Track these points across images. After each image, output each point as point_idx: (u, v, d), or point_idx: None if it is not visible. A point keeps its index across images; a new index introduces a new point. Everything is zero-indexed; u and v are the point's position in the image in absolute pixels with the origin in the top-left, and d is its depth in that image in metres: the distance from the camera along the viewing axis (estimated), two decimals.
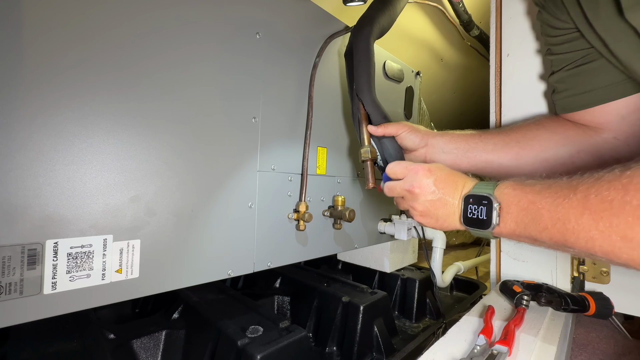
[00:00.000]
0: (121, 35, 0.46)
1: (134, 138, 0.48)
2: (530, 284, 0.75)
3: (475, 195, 0.45)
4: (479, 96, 1.95)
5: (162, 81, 0.51)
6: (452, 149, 0.68)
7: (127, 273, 0.47)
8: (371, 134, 0.67)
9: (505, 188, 0.43)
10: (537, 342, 0.55)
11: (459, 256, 1.65)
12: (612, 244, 0.33)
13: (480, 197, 0.45)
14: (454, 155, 0.68)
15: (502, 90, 0.91)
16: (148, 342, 0.68)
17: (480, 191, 0.45)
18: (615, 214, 0.32)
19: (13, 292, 0.38)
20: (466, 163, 0.68)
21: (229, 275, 0.59)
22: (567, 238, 0.36)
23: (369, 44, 0.69)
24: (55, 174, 0.41)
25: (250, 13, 0.63)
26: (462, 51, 1.65)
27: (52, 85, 0.41)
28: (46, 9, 0.40)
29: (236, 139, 0.60)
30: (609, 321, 0.84)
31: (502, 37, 0.90)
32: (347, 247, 0.86)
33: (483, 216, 0.44)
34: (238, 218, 0.61)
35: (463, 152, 0.68)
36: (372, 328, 0.81)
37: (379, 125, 0.67)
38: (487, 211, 0.43)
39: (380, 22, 0.71)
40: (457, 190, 0.49)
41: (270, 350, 0.58)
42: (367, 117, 0.69)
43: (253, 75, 0.63)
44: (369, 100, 0.67)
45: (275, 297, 0.95)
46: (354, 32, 0.71)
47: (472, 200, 0.46)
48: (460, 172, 0.53)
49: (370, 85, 0.68)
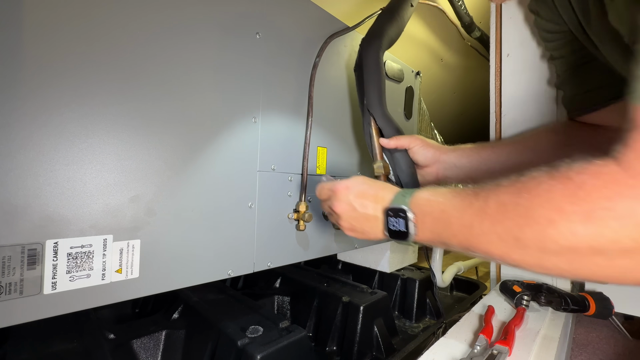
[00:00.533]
0: (121, 35, 0.46)
1: (134, 138, 0.48)
2: (531, 284, 0.75)
3: (393, 208, 0.47)
4: (479, 96, 1.95)
5: (162, 81, 0.51)
6: (464, 164, 0.68)
7: (127, 273, 0.47)
8: (383, 147, 0.68)
9: (419, 199, 0.45)
10: (537, 342, 0.55)
11: (459, 256, 1.65)
12: (507, 245, 0.34)
13: (397, 210, 0.46)
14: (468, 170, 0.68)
15: (502, 90, 0.91)
16: (148, 342, 0.68)
17: (397, 204, 0.47)
18: (509, 217, 0.34)
19: (13, 292, 0.38)
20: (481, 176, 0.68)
21: (229, 275, 0.59)
22: (472, 242, 0.38)
23: (379, 57, 0.69)
24: (55, 174, 0.41)
25: (250, 13, 0.63)
26: (462, 51, 1.64)
27: (52, 85, 0.41)
28: (46, 10, 0.40)
29: (236, 139, 0.60)
30: (609, 321, 0.84)
31: (502, 38, 0.90)
32: (347, 247, 0.86)
33: (402, 228, 0.45)
34: (238, 218, 0.61)
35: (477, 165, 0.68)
36: (372, 328, 0.81)
37: (391, 138, 0.67)
38: (404, 223, 0.45)
39: (389, 34, 0.71)
40: (378, 203, 0.50)
41: (270, 350, 0.58)
42: (379, 131, 0.69)
43: (253, 75, 0.63)
44: (381, 114, 0.67)
45: (275, 297, 0.95)
46: (363, 45, 0.71)
47: (391, 213, 0.47)
48: (381, 182, 0.54)
49: (381, 99, 0.68)
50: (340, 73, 0.83)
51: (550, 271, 0.34)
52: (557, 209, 0.31)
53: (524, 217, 0.33)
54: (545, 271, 0.34)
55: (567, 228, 0.30)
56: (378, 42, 0.69)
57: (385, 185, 0.53)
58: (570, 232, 0.30)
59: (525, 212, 0.33)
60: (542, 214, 0.32)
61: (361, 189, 0.52)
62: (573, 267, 0.32)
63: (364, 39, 0.72)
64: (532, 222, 0.32)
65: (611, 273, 0.31)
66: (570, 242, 0.30)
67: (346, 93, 0.85)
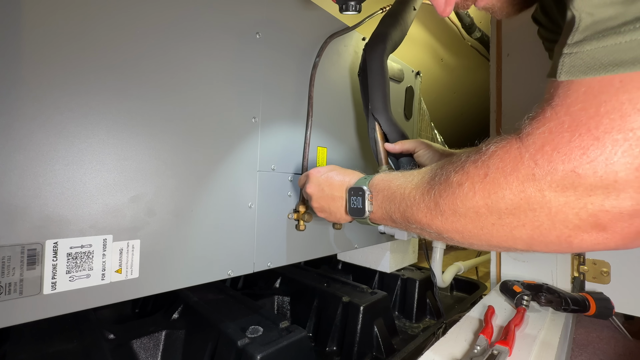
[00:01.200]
0: (121, 35, 0.46)
1: (133, 138, 0.48)
2: (531, 284, 0.75)
3: (354, 188, 0.52)
4: (479, 96, 1.95)
5: (161, 81, 0.51)
6: None
7: (127, 273, 0.47)
8: (388, 152, 0.68)
9: (376, 180, 0.50)
10: (537, 342, 0.55)
11: (459, 256, 1.65)
12: (431, 212, 0.39)
13: (357, 189, 0.52)
14: None
15: (502, 90, 0.91)
16: (148, 342, 0.68)
17: (358, 184, 0.52)
18: (433, 185, 0.39)
19: (13, 292, 0.38)
20: None
21: (229, 275, 0.59)
22: (407, 213, 0.43)
23: (383, 62, 0.69)
24: (55, 174, 0.41)
25: (250, 13, 0.62)
26: (462, 51, 1.64)
27: (52, 85, 0.41)
28: (46, 9, 0.40)
29: (236, 139, 0.60)
30: (609, 321, 0.84)
31: (502, 37, 0.91)
32: (347, 247, 0.86)
33: (360, 205, 0.51)
34: (238, 218, 0.61)
35: None
36: (372, 328, 0.81)
37: (396, 142, 0.67)
38: (362, 200, 0.50)
39: (393, 38, 0.71)
40: (344, 186, 0.55)
41: (270, 351, 0.58)
42: (384, 136, 0.69)
43: (253, 75, 0.63)
44: (386, 119, 0.68)
45: (275, 297, 0.95)
46: (367, 50, 0.71)
47: (352, 192, 0.53)
48: (352, 170, 0.59)
49: (386, 104, 0.68)
50: (340, 73, 0.83)
51: (462, 235, 0.38)
52: (465, 173, 0.36)
53: (444, 183, 0.38)
54: (459, 236, 0.38)
55: (470, 188, 0.35)
56: (382, 46, 0.69)
57: (354, 172, 0.58)
58: (472, 191, 0.34)
59: (445, 179, 0.38)
60: (454, 179, 0.36)
61: (331, 174, 0.58)
62: (476, 227, 0.36)
63: (367, 43, 0.72)
64: (447, 186, 0.37)
65: (503, 232, 0.34)
66: (472, 202, 0.35)
67: (346, 93, 0.85)
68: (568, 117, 0.29)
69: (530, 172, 0.30)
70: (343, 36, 0.81)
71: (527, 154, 0.31)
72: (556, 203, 0.30)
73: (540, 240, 0.33)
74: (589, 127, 0.27)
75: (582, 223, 0.29)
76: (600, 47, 0.27)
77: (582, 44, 0.28)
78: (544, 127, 0.30)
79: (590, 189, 0.28)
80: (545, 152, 0.30)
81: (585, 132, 0.27)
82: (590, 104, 0.27)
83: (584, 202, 0.29)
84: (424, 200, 0.40)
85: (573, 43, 0.28)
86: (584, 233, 0.30)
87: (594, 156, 0.27)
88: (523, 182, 0.31)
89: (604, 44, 0.27)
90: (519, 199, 0.31)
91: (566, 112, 0.29)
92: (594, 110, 0.27)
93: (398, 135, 0.67)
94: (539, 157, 0.30)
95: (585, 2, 0.27)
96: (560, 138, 0.29)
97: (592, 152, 0.27)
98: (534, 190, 0.30)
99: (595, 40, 0.27)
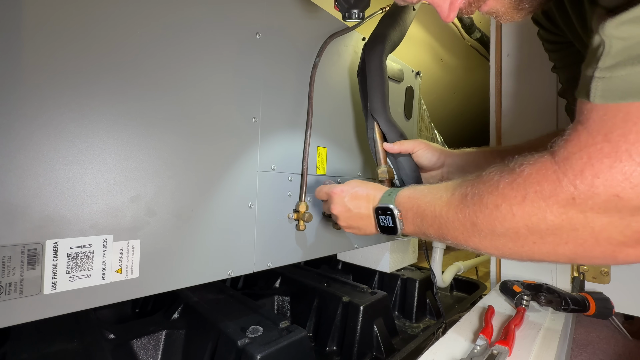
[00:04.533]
0: (121, 35, 0.46)
1: (134, 138, 0.48)
2: (531, 284, 0.75)
3: (381, 207, 0.53)
4: (479, 96, 1.95)
5: (162, 81, 0.51)
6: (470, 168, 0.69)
7: (127, 273, 0.47)
8: (387, 152, 0.68)
9: (402, 197, 0.51)
10: (537, 342, 0.55)
11: (459, 256, 1.65)
12: (467, 230, 0.39)
13: (385, 209, 0.52)
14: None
15: (502, 90, 0.91)
16: (148, 342, 0.68)
17: (384, 203, 0.53)
18: (468, 205, 0.39)
19: (13, 292, 0.38)
20: None
21: (229, 275, 0.59)
22: (443, 230, 0.43)
23: (382, 62, 0.69)
24: (55, 174, 0.41)
25: (250, 13, 0.62)
26: (462, 51, 1.65)
27: (52, 85, 0.41)
28: (47, 9, 0.40)
29: (236, 139, 0.60)
30: (609, 321, 0.84)
31: (502, 38, 0.91)
32: (347, 247, 0.86)
33: (390, 224, 0.51)
34: (238, 218, 0.61)
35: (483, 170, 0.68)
36: (372, 328, 0.81)
37: (395, 142, 0.67)
38: (392, 219, 0.51)
39: (392, 39, 0.72)
40: (370, 203, 0.56)
41: (270, 350, 0.58)
42: (383, 136, 0.69)
43: (253, 75, 0.63)
44: (384, 119, 0.68)
45: (275, 297, 0.95)
46: (366, 50, 0.71)
47: (380, 211, 0.53)
48: (373, 183, 0.60)
49: (385, 104, 0.68)
50: (340, 73, 0.83)
51: (501, 252, 0.38)
52: (501, 195, 0.36)
53: (478, 204, 0.38)
54: (498, 252, 0.38)
55: (508, 210, 0.35)
56: (381, 46, 0.69)
57: (375, 185, 0.59)
58: (510, 213, 0.35)
59: (479, 199, 0.38)
60: (490, 200, 0.37)
61: (354, 192, 0.58)
62: (516, 246, 0.36)
63: (366, 43, 0.72)
64: (484, 207, 0.37)
65: (546, 250, 0.35)
66: (510, 223, 0.35)
67: (346, 93, 0.85)
68: (607, 143, 0.29)
69: (569, 196, 0.31)
70: (343, 36, 0.81)
71: (565, 178, 0.31)
72: (599, 223, 0.30)
73: (584, 256, 0.33)
74: (631, 153, 0.28)
75: (626, 239, 0.30)
76: (636, 72, 0.27)
77: (615, 68, 0.28)
78: (582, 152, 0.30)
79: (634, 209, 0.29)
80: (585, 178, 0.30)
81: (627, 159, 0.28)
82: (630, 130, 0.28)
83: (628, 221, 0.29)
84: (458, 219, 0.40)
85: (605, 67, 0.29)
86: (629, 248, 0.31)
87: (637, 181, 0.28)
88: (564, 205, 0.31)
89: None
90: (560, 221, 0.32)
91: (605, 138, 0.29)
92: (634, 137, 0.28)
93: (397, 135, 0.67)
94: (578, 182, 0.30)
95: (616, 28, 0.28)
96: (600, 164, 0.29)
97: (635, 178, 0.28)
98: (576, 213, 0.31)
99: (630, 66, 0.27)
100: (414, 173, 0.67)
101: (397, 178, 0.68)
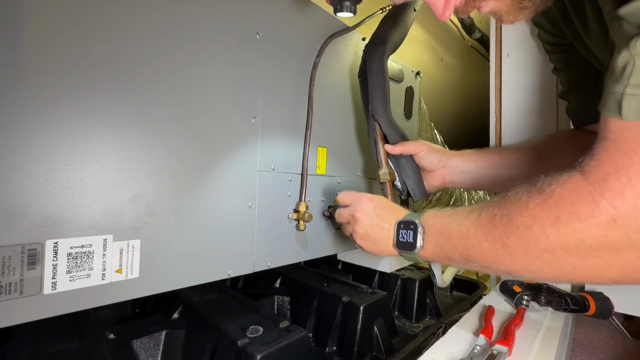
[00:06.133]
0: (121, 35, 0.46)
1: (134, 138, 0.48)
2: (531, 283, 0.75)
3: (405, 222, 0.51)
4: (479, 96, 1.94)
5: (161, 81, 0.51)
6: (472, 169, 0.69)
7: (127, 273, 0.47)
8: (389, 153, 0.68)
9: (428, 215, 0.50)
10: (537, 342, 0.55)
11: None
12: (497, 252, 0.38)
13: (408, 223, 0.51)
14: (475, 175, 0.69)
15: (502, 90, 0.91)
16: (148, 342, 0.68)
17: (409, 218, 0.52)
18: (497, 226, 0.38)
19: (13, 292, 0.38)
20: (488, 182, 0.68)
21: (229, 275, 0.59)
22: (469, 252, 0.41)
23: (383, 63, 0.69)
24: (55, 174, 0.41)
25: (250, 13, 0.63)
26: (462, 51, 1.64)
27: (52, 85, 0.41)
28: (47, 10, 0.40)
29: (236, 139, 0.60)
30: (609, 321, 0.84)
31: (502, 38, 0.91)
32: (347, 247, 0.86)
33: (410, 239, 0.50)
34: (238, 218, 0.61)
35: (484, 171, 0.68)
36: (372, 328, 0.81)
37: (397, 144, 0.67)
38: (413, 235, 0.49)
39: (393, 40, 0.71)
40: (393, 217, 0.55)
41: (270, 350, 0.58)
42: (384, 137, 0.69)
43: (253, 75, 0.63)
44: (386, 121, 0.68)
45: (275, 297, 0.95)
46: (367, 51, 0.71)
47: (402, 225, 0.52)
48: (397, 204, 0.59)
49: (386, 106, 0.68)
50: (340, 73, 0.83)
51: (537, 275, 0.37)
52: (533, 216, 0.34)
53: (508, 225, 0.37)
54: (533, 275, 0.37)
55: (541, 232, 0.34)
56: (382, 47, 0.69)
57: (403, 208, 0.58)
58: (544, 235, 0.33)
59: (508, 220, 0.37)
60: (521, 221, 0.35)
61: (382, 203, 0.58)
62: (554, 269, 0.35)
63: (367, 44, 0.72)
64: (514, 228, 0.36)
65: (588, 273, 0.33)
66: (545, 245, 0.34)
67: (346, 93, 0.85)
68: None
69: (609, 217, 0.30)
70: (343, 36, 0.81)
71: (602, 200, 0.30)
72: None
73: (631, 278, 0.33)
74: None
75: None
76: None
77: None
78: (619, 172, 0.30)
79: None
80: (626, 199, 0.29)
81: None
82: None
83: None
84: (488, 239, 0.39)
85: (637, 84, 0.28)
86: None
87: None
88: (604, 227, 0.30)
89: None
90: (601, 243, 0.31)
91: None
92: None
93: (398, 136, 0.67)
94: (618, 204, 0.29)
95: None
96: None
97: None
98: (619, 235, 0.30)
99: None
100: (415, 174, 0.67)
101: (399, 179, 0.68)
